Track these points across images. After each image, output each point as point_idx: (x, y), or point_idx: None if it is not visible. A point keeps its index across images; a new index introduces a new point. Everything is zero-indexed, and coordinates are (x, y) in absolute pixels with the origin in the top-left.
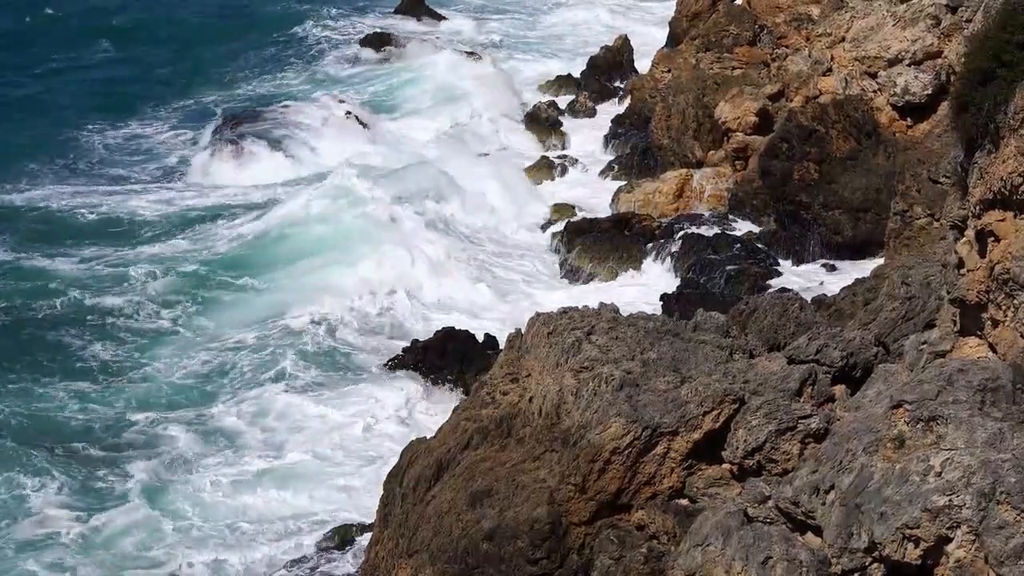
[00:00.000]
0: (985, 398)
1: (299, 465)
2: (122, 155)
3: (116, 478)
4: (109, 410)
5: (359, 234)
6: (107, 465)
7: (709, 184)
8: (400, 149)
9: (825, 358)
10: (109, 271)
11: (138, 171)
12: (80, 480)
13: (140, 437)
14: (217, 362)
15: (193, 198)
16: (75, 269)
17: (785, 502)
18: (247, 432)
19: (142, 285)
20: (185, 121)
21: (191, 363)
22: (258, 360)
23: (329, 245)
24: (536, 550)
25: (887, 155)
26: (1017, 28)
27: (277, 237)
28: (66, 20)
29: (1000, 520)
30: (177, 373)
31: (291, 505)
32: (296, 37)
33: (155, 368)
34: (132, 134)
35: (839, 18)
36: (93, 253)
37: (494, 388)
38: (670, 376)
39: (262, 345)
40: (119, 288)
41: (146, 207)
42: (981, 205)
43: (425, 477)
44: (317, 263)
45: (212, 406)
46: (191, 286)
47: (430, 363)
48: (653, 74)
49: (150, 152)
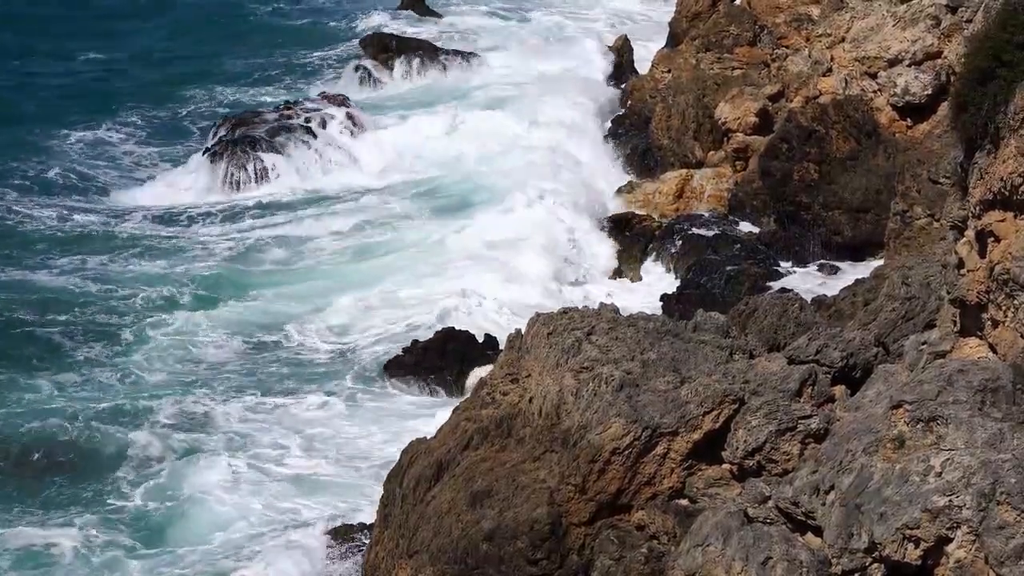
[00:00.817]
0: (985, 398)
1: (300, 466)
2: (108, 159)
3: (117, 480)
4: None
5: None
6: (107, 467)
7: (709, 185)
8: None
9: (825, 358)
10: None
11: (130, 175)
12: (69, 484)
13: (141, 438)
14: (208, 363)
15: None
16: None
17: (785, 502)
18: (246, 433)
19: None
20: (181, 123)
21: (185, 365)
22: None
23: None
24: (536, 550)
25: (887, 155)
26: (1017, 28)
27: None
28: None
29: (1000, 520)
30: (164, 373)
31: (291, 506)
32: (295, 40)
33: (143, 366)
34: (119, 137)
35: (839, 18)
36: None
37: (494, 388)
38: (670, 376)
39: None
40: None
41: (147, 206)
42: (981, 205)
43: (425, 477)
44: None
45: (205, 405)
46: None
47: (430, 363)
48: (653, 74)
49: (143, 154)
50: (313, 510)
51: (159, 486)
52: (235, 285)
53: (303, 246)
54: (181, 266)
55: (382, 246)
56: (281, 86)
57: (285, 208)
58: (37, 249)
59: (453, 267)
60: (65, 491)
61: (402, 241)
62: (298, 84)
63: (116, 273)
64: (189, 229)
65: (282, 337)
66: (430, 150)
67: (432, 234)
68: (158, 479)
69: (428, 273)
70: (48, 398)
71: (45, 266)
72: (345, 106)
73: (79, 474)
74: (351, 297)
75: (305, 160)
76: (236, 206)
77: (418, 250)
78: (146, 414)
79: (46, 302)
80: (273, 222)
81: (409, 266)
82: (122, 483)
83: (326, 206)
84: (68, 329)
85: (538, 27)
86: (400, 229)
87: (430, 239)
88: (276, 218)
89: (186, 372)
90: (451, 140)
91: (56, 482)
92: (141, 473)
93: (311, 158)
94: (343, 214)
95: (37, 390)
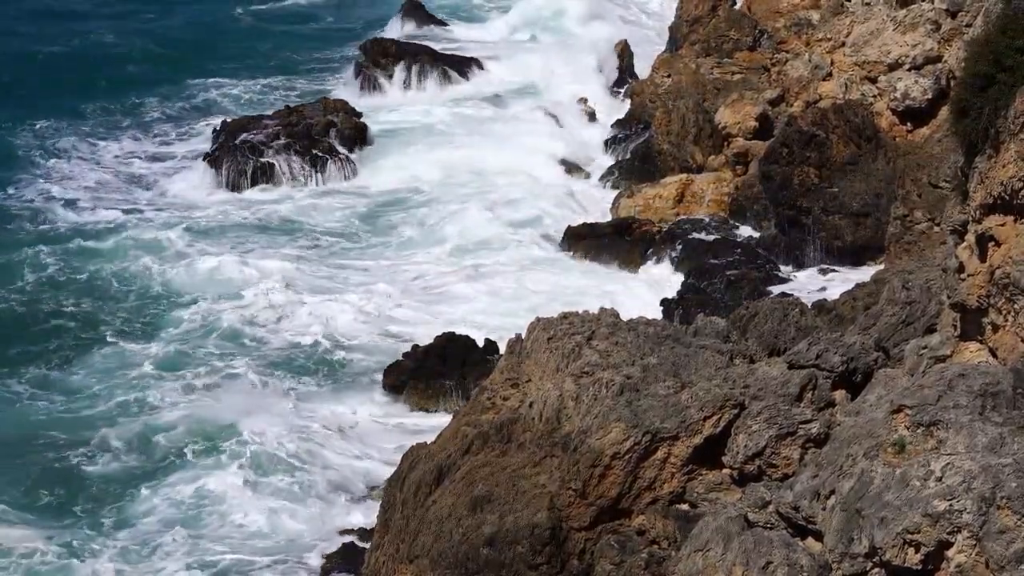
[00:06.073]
0: (985, 403)
1: (299, 466)
2: (108, 161)
3: (118, 486)
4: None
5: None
6: (106, 473)
7: (709, 189)
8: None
9: (825, 363)
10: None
11: (130, 178)
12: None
13: (140, 439)
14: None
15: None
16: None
17: (785, 507)
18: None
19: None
20: (180, 126)
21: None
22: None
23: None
24: (536, 555)
25: (887, 160)
26: (1017, 33)
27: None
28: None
29: (1001, 525)
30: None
31: (290, 508)
32: (295, 45)
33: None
34: (120, 139)
35: (839, 23)
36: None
37: (494, 393)
38: (670, 381)
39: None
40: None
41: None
42: (981, 209)
43: (425, 482)
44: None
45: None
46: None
47: (430, 368)
48: (653, 79)
49: (143, 158)
50: (313, 513)
51: (159, 493)
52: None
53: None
54: (179, 268)
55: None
56: (281, 91)
57: (285, 209)
58: (32, 249)
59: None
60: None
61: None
62: (298, 89)
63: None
64: (188, 230)
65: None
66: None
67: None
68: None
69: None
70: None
71: (38, 265)
72: (345, 111)
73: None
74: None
75: (305, 164)
76: (236, 208)
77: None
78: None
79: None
80: (273, 222)
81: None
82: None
83: (326, 206)
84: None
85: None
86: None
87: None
88: (276, 219)
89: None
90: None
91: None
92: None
93: (311, 162)
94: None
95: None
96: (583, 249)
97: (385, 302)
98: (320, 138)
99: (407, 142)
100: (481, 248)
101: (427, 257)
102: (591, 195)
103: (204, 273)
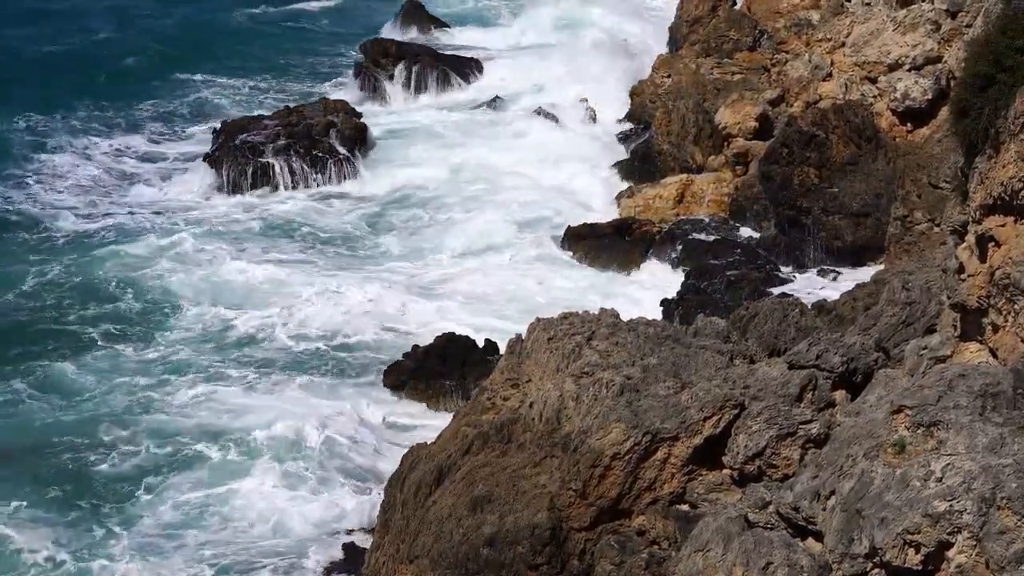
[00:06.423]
0: (986, 403)
1: (300, 466)
2: (108, 162)
3: (118, 489)
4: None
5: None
6: (106, 473)
7: (709, 189)
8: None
9: (825, 363)
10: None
11: (130, 179)
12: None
13: (140, 440)
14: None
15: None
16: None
17: (786, 507)
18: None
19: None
20: (180, 127)
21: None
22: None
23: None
24: (537, 555)
25: (887, 160)
26: (1017, 33)
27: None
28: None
29: (1001, 525)
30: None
31: (291, 508)
32: (295, 46)
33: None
34: (119, 141)
35: (839, 23)
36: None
37: (494, 393)
38: (670, 381)
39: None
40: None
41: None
42: (981, 210)
43: (426, 483)
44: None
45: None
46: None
47: (430, 368)
48: (653, 79)
49: (143, 159)
50: (313, 515)
51: (159, 498)
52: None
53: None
54: (180, 269)
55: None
56: (281, 91)
57: (285, 209)
58: (28, 249)
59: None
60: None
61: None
62: (298, 89)
63: (122, 277)
64: (189, 232)
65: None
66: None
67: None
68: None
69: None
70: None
71: (38, 266)
72: (345, 111)
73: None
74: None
75: (305, 165)
76: (236, 208)
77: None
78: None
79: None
80: (274, 223)
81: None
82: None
83: (326, 207)
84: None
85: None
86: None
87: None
88: (277, 219)
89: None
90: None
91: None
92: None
93: (311, 163)
94: (343, 215)
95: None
96: (583, 249)
97: (385, 302)
98: (320, 139)
99: (408, 142)
100: (481, 248)
101: (427, 257)
102: (591, 195)
103: (205, 274)
